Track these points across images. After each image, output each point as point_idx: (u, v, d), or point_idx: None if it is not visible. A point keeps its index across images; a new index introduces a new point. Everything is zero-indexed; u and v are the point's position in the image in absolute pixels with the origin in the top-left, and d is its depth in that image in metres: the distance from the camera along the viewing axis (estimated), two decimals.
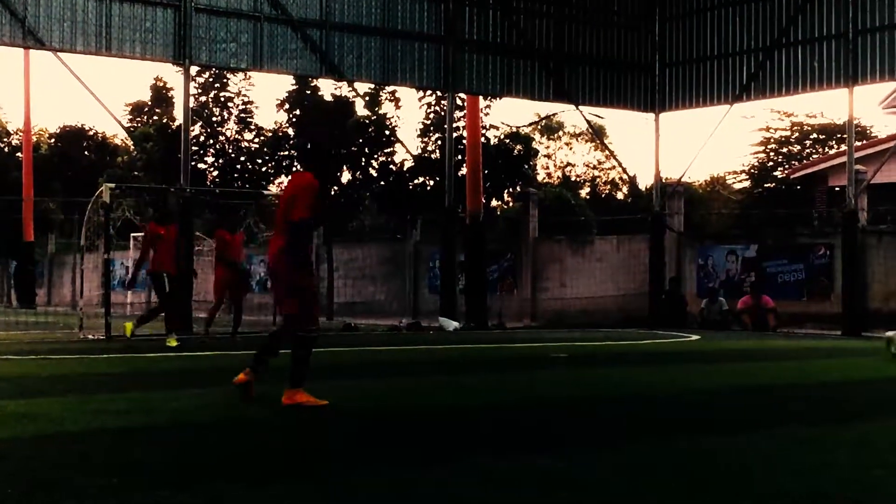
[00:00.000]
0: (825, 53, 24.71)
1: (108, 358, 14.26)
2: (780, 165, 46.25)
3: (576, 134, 55.61)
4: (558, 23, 26.70)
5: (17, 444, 6.67)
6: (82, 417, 7.95)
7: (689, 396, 10.25)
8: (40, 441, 6.79)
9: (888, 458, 6.51)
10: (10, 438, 6.83)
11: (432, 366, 13.66)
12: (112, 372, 12.10)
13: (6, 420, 7.71)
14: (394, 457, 6.38)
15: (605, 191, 55.62)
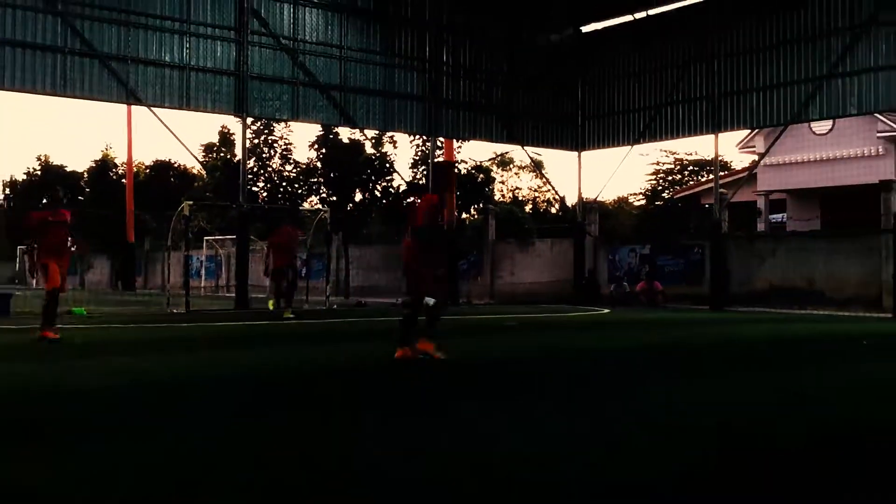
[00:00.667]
0: (698, 110, 24.80)
1: (188, 326, 14.18)
2: (667, 189, 46.39)
3: (522, 166, 55.56)
4: (510, 88, 26.70)
5: (120, 387, 6.63)
6: (169, 369, 7.90)
7: (600, 352, 10.27)
8: (137, 385, 6.74)
9: (762, 396, 6.51)
10: (115, 384, 6.78)
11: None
12: (190, 336, 12.03)
13: (115, 371, 7.66)
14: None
15: (543, 207, 55.50)
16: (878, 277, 20.65)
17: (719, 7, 24.05)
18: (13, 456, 4.08)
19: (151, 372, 7.53)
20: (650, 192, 48.04)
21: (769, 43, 23.06)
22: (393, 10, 24.30)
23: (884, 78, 20.71)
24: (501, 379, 7.48)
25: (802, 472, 3.97)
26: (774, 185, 31.46)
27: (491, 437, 4.66)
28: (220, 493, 3.44)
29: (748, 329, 14.59)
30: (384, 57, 24.10)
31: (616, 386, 7.01)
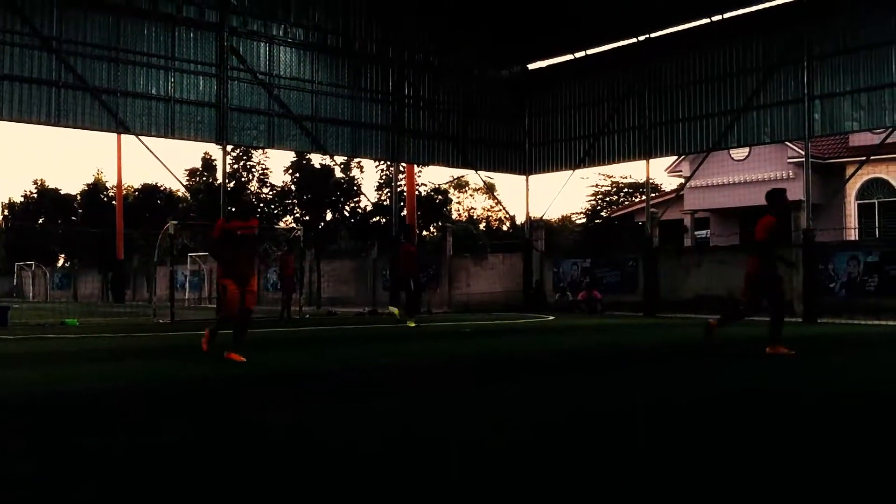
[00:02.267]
0: (632, 138, 25.14)
1: (173, 335, 14.04)
2: (605, 209, 46.86)
3: (476, 188, 55.85)
4: (464, 118, 26.86)
5: (111, 389, 6.57)
6: (152, 374, 7.85)
7: (548, 353, 10.36)
8: (129, 386, 6.69)
9: (689, 387, 6.62)
10: (105, 385, 6.73)
11: (386, 337, 13.64)
12: (175, 345, 11.92)
13: (105, 374, 7.58)
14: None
15: (496, 225, 55.80)
16: (790, 286, 21.03)
17: (650, 47, 24.46)
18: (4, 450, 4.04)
19: (137, 375, 7.47)
20: (590, 211, 48.50)
21: (694, 79, 23.49)
22: (359, 49, 24.38)
23: (792, 110, 21.20)
24: (455, 373, 7.53)
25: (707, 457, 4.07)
26: (699, 205, 32.00)
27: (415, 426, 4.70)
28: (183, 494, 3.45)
29: (676, 332, 14.79)
30: (352, 90, 24.13)
31: (539, 380, 7.09)
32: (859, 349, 11.04)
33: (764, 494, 3.35)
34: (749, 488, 3.44)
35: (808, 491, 3.43)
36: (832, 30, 20.41)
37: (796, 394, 6.45)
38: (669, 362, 9.32)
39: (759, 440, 4.48)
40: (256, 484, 3.42)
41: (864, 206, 27.54)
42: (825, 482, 3.57)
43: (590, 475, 3.63)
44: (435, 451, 4.09)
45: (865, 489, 3.45)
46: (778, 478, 3.61)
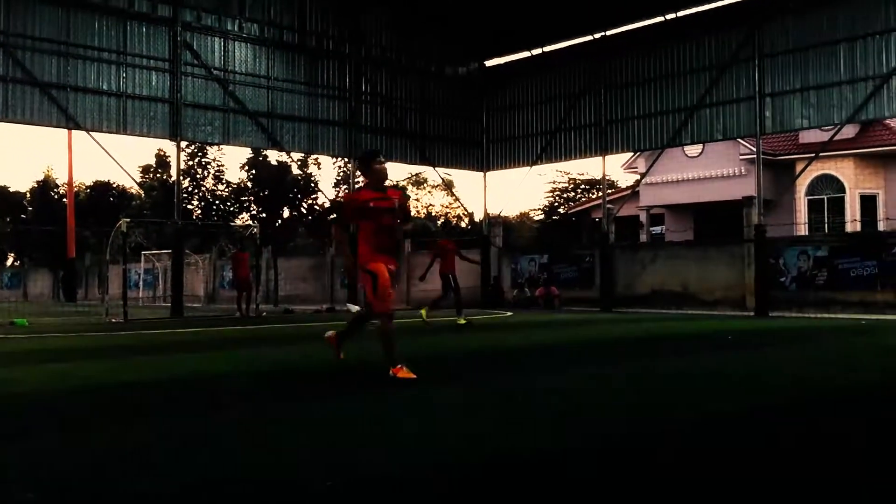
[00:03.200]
0: (588, 135, 25.36)
1: (125, 335, 13.81)
2: (562, 205, 47.23)
3: (435, 185, 55.86)
4: (422, 115, 26.84)
5: (60, 393, 6.44)
6: (105, 374, 7.71)
7: (505, 349, 10.40)
8: (76, 391, 6.57)
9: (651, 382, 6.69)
10: (54, 389, 6.59)
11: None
12: (127, 344, 11.73)
13: (53, 376, 7.43)
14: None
15: (454, 221, 55.90)
16: (742, 281, 21.43)
17: (605, 45, 24.70)
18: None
19: (88, 376, 7.33)
20: (548, 207, 48.88)
21: (648, 77, 23.77)
22: (316, 44, 24.23)
23: (744, 108, 21.57)
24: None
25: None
26: (654, 201, 32.40)
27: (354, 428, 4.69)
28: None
29: (631, 327, 14.96)
30: (308, 87, 23.98)
31: (492, 376, 7.11)
32: (810, 341, 11.27)
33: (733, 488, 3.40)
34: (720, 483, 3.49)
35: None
36: (782, 29, 20.81)
37: (760, 384, 6.56)
38: (623, 361, 9.40)
39: (725, 430, 4.55)
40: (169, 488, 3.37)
41: (813, 201, 28.14)
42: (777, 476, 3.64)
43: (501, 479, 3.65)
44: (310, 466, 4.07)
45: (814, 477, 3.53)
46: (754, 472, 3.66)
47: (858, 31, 19.49)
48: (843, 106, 19.84)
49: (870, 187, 27.26)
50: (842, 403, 5.70)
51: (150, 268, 37.22)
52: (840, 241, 20.13)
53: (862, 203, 27.19)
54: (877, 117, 21.35)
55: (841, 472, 3.65)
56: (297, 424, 4.80)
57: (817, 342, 11.17)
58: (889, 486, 3.38)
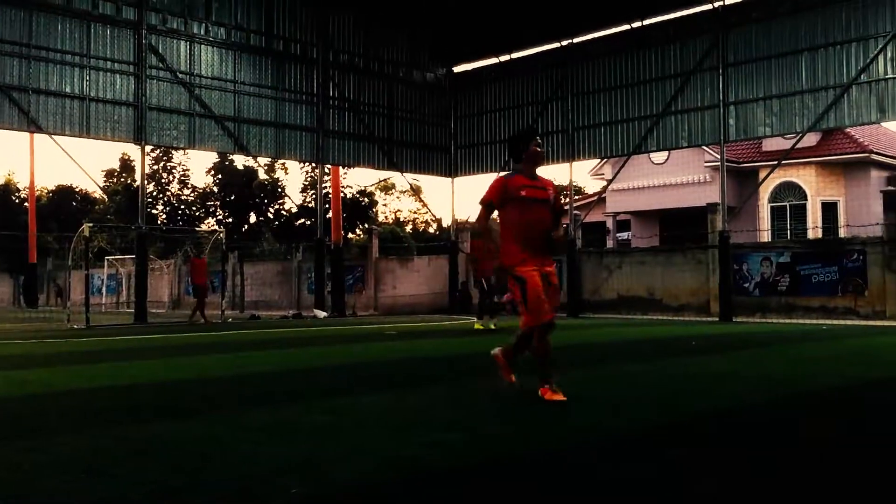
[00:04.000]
0: (555, 141, 25.50)
1: (87, 340, 13.62)
2: None
3: (403, 191, 55.85)
4: (390, 120, 26.85)
5: (19, 399, 6.34)
6: (64, 380, 7.60)
7: (474, 354, 10.42)
8: (33, 397, 6.47)
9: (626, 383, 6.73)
10: (15, 395, 6.49)
11: (310, 339, 13.52)
12: (88, 350, 11.57)
13: (14, 382, 7.31)
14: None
15: (422, 227, 55.93)
16: (707, 286, 21.69)
17: (573, 52, 24.90)
18: None
19: (47, 383, 7.22)
20: None
21: (615, 84, 23.99)
22: (283, 49, 24.14)
23: (709, 116, 21.86)
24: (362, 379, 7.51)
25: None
26: (621, 207, 32.70)
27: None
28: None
29: (598, 332, 15.08)
30: (275, 91, 23.88)
31: (452, 381, 7.13)
32: (772, 347, 11.44)
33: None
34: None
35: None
36: (746, 39, 21.14)
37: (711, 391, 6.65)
38: (590, 365, 9.47)
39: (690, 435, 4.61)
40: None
41: (776, 208, 28.59)
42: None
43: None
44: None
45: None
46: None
47: (819, 42, 19.86)
48: (804, 114, 20.20)
49: (831, 194, 27.76)
50: (803, 406, 5.81)
51: (113, 273, 36.76)
52: (802, 248, 20.47)
53: (823, 210, 27.69)
54: (837, 126, 21.76)
55: (806, 470, 3.72)
56: (266, 431, 4.77)
57: (778, 347, 11.34)
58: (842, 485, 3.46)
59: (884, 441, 4.50)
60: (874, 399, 6.29)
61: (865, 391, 6.69)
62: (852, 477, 3.66)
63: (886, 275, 18.55)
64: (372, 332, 15.58)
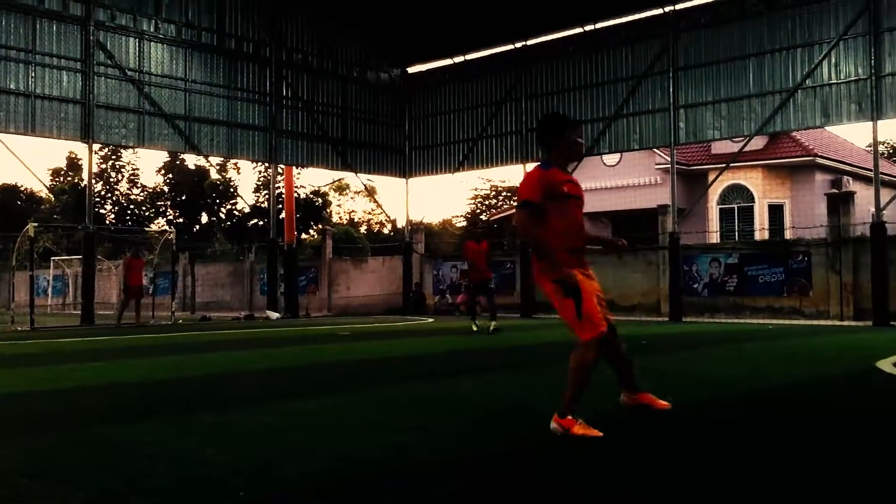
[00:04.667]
0: (509, 142, 25.66)
1: (32, 343, 13.30)
2: (484, 212, 47.63)
3: (357, 191, 55.61)
4: (344, 120, 26.72)
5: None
6: (7, 383, 7.41)
7: (429, 355, 10.41)
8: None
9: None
10: None
11: (262, 341, 13.39)
12: (32, 352, 11.30)
13: None
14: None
15: (377, 228, 55.75)
16: (658, 287, 22.01)
17: (526, 54, 25.07)
18: None
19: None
20: (470, 214, 49.20)
21: (568, 86, 24.21)
22: (235, 47, 23.87)
23: (659, 119, 22.19)
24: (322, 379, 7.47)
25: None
26: None
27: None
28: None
29: (551, 333, 15.17)
30: (227, 90, 23.60)
31: (391, 382, 7.14)
32: (718, 346, 11.64)
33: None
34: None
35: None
36: (695, 43, 21.50)
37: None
38: (544, 367, 9.53)
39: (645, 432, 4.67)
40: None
41: (724, 210, 29.11)
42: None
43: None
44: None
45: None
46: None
47: (766, 47, 20.30)
48: (752, 118, 20.61)
49: (777, 197, 28.36)
50: (746, 403, 5.92)
51: (59, 274, 35.96)
52: (749, 249, 20.89)
53: (770, 212, 28.26)
54: (783, 130, 22.25)
55: (745, 466, 3.79)
56: (215, 433, 4.71)
57: (726, 347, 11.55)
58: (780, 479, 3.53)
59: (827, 437, 4.61)
60: (819, 396, 6.43)
61: (810, 389, 6.84)
62: (798, 472, 3.74)
63: (830, 276, 19.01)
64: (325, 334, 15.49)
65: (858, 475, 3.69)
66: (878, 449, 4.28)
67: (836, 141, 32.43)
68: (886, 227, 18.35)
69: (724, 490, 3.45)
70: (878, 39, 18.56)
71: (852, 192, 20.91)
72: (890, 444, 4.41)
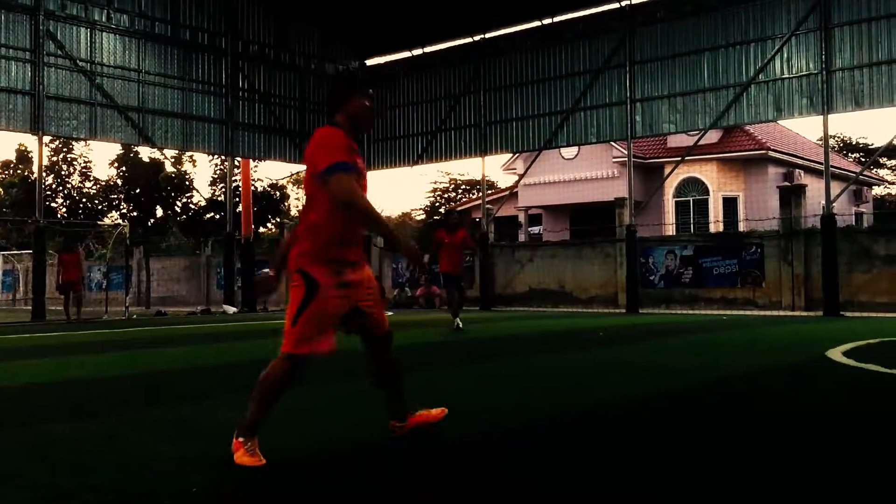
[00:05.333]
0: (468, 136, 25.67)
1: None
2: (443, 205, 47.62)
3: None
4: (302, 113, 26.50)
5: None
6: None
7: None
8: None
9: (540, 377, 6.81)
10: None
11: (218, 335, 13.23)
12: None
13: None
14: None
15: None
16: (615, 279, 22.22)
17: (485, 47, 25.09)
18: None
19: None
20: (429, 207, 49.16)
21: (527, 80, 24.28)
22: (189, 38, 23.52)
23: (616, 112, 22.37)
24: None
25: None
26: (532, 202, 33.14)
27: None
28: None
29: (510, 325, 15.26)
30: (182, 81, 23.25)
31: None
32: (674, 336, 11.81)
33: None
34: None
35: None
36: (651, 37, 21.72)
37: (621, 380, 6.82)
38: (500, 358, 9.58)
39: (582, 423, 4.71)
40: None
41: (680, 203, 29.50)
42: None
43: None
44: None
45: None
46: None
47: (720, 42, 20.58)
48: (706, 112, 20.89)
49: (731, 190, 28.82)
50: (700, 393, 6.02)
51: (9, 269, 35.16)
52: (704, 241, 21.19)
53: (724, 205, 28.72)
54: (737, 123, 22.59)
55: (697, 456, 3.85)
56: (168, 429, 4.64)
57: (682, 337, 11.72)
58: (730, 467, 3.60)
59: (781, 424, 4.70)
60: (771, 385, 6.56)
61: (763, 378, 6.97)
62: (748, 458, 3.81)
63: (782, 267, 19.38)
64: (282, 328, 15.35)
65: (808, 459, 3.77)
66: (828, 434, 4.38)
67: (789, 135, 33.05)
68: (836, 219, 18.77)
69: (675, 477, 3.49)
70: (828, 35, 18.94)
71: (804, 185, 21.31)
72: (840, 430, 4.52)
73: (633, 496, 3.20)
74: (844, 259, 18.31)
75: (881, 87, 18.34)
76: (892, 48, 18.21)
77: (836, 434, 4.42)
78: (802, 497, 3.19)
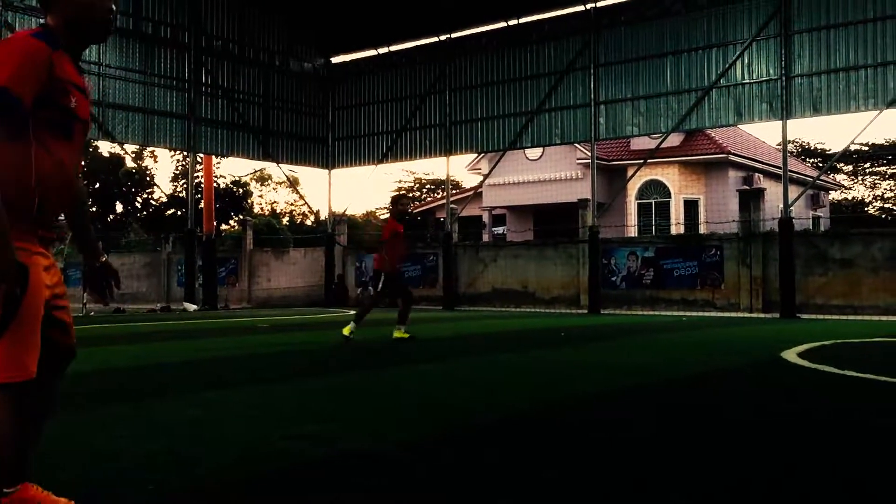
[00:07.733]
0: (433, 135, 25.70)
1: None
2: (408, 204, 47.63)
3: (279, 182, 54.85)
4: (266, 109, 26.33)
5: None
6: None
7: (349, 347, 10.36)
8: None
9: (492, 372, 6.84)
10: None
11: (178, 333, 13.09)
12: None
13: None
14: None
15: (299, 219, 55.12)
16: (577, 280, 22.41)
17: (451, 47, 25.13)
18: None
19: None
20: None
21: (492, 80, 24.38)
22: (152, 32, 23.23)
23: (580, 114, 22.56)
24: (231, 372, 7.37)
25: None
26: (497, 202, 33.29)
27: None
28: None
29: (473, 324, 15.31)
30: (143, 76, 22.96)
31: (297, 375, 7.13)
32: (635, 336, 11.95)
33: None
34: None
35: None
36: (616, 40, 21.94)
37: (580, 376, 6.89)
38: (463, 356, 9.61)
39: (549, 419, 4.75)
40: None
41: (642, 205, 29.83)
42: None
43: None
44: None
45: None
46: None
47: (683, 46, 20.86)
48: (669, 115, 21.16)
49: (692, 192, 29.21)
50: (661, 390, 6.11)
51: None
52: (665, 243, 21.45)
53: (685, 207, 29.11)
54: (699, 127, 22.94)
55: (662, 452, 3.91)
56: (127, 427, 4.60)
57: (642, 337, 11.86)
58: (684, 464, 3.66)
59: (734, 422, 4.79)
60: (727, 384, 6.67)
61: (719, 377, 7.09)
62: (709, 453, 3.88)
63: (741, 269, 19.70)
64: (244, 325, 15.26)
65: (760, 455, 3.85)
66: (779, 431, 4.47)
67: (749, 139, 33.60)
68: (794, 222, 19.12)
69: (638, 473, 3.55)
70: (788, 41, 19.29)
71: (762, 189, 21.71)
72: (789, 426, 4.62)
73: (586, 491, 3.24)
74: (801, 262, 18.67)
75: (839, 93, 18.74)
76: (849, 55, 18.61)
77: (782, 433, 4.51)
78: (742, 494, 3.26)
